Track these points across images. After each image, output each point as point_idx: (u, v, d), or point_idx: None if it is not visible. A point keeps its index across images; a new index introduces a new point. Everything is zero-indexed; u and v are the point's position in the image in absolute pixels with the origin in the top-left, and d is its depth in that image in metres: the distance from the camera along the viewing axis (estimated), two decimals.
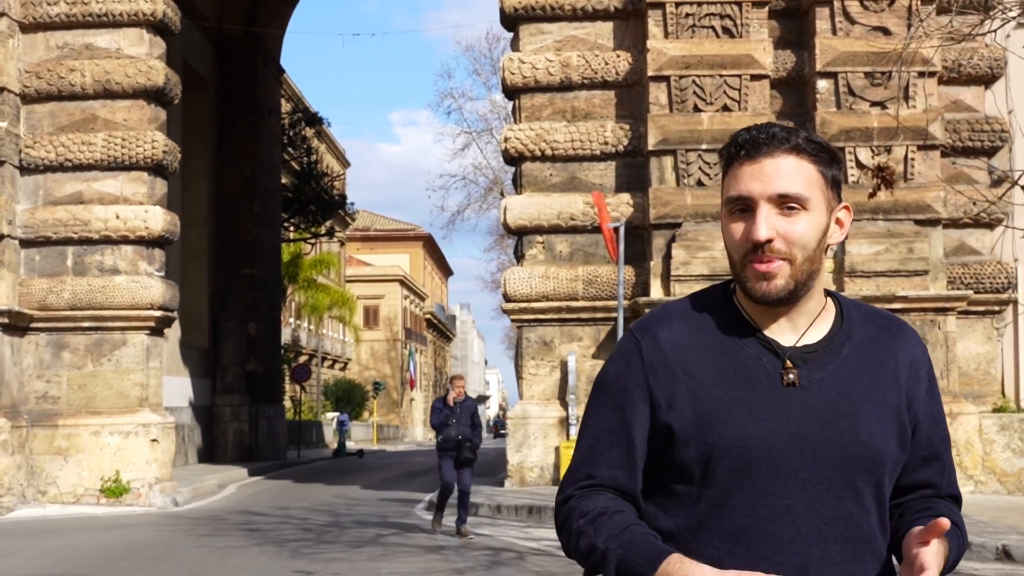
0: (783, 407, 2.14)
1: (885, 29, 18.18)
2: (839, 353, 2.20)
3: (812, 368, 2.17)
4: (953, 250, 18.74)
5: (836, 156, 2.21)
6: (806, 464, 2.12)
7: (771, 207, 2.13)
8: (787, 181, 2.13)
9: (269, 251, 35.21)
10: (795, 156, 2.15)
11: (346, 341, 69.59)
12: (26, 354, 19.18)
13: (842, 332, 2.23)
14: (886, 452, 2.15)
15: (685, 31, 18.53)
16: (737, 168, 2.17)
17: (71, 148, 19.26)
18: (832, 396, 2.15)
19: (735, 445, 2.13)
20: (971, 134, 18.79)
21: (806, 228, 2.13)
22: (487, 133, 48.32)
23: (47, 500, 18.70)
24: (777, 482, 2.12)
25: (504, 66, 19.40)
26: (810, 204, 2.13)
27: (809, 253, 2.14)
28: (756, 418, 2.13)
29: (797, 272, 2.14)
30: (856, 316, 2.26)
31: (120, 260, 19.35)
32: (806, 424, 2.13)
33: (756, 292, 2.15)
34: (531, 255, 19.20)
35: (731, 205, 2.17)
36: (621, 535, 2.14)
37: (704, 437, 2.15)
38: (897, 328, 2.28)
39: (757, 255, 2.13)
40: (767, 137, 2.15)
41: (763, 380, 2.16)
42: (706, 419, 2.15)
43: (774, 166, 2.14)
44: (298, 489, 23.85)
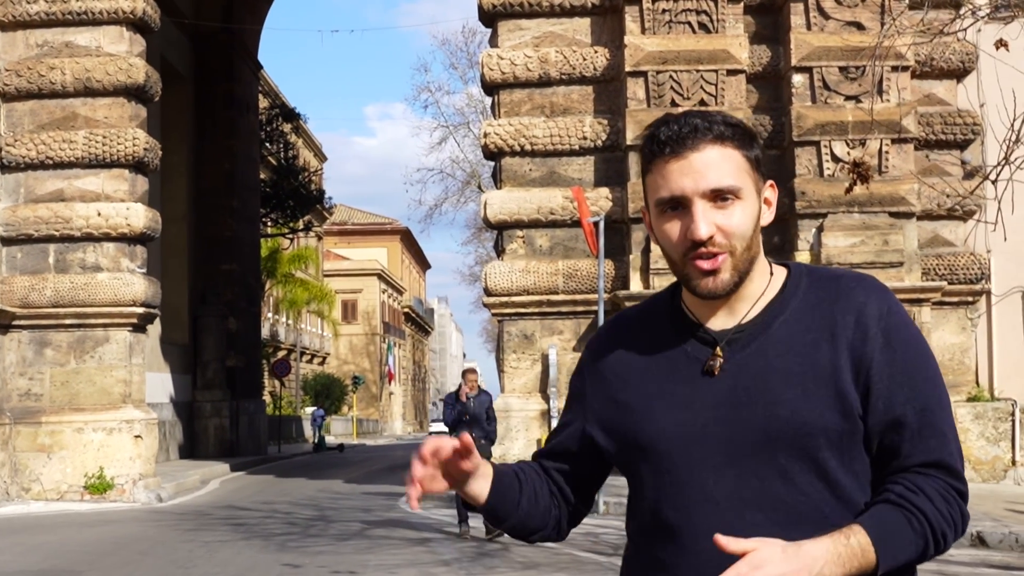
0: (698, 395, 2.12)
1: (859, 24, 18.41)
2: (767, 328, 2.14)
3: (735, 349, 2.14)
4: (927, 242, 19.00)
5: (754, 135, 2.17)
6: (721, 450, 2.08)
7: (706, 202, 2.08)
8: (718, 174, 2.08)
9: (248, 246, 35.28)
10: (720, 145, 2.09)
11: (324, 336, 69.64)
12: (8, 352, 19.25)
13: (776, 306, 2.17)
14: (816, 424, 2.04)
15: (662, 27, 18.72)
16: (662, 166, 2.11)
17: (52, 146, 19.32)
18: (751, 375, 2.11)
19: (651, 440, 2.14)
20: (944, 127, 19.05)
21: (742, 218, 2.10)
22: (464, 127, 48.53)
23: (31, 497, 18.79)
24: (692, 471, 2.10)
25: (483, 62, 19.55)
26: (743, 193, 2.10)
27: (747, 241, 2.11)
28: (670, 409, 2.13)
29: (739, 262, 2.11)
30: (805, 284, 2.19)
31: (102, 257, 19.43)
32: (721, 409, 2.09)
33: (702, 289, 2.12)
34: (511, 249, 19.37)
35: (663, 205, 2.12)
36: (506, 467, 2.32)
37: (625, 435, 2.19)
38: (847, 286, 2.17)
39: (697, 252, 2.09)
40: (690, 130, 2.09)
41: (683, 371, 2.15)
42: (628, 416, 2.18)
43: (701, 160, 2.08)
44: (281, 484, 23.99)
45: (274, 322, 55.35)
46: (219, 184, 32.72)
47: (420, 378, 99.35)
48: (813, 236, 18.32)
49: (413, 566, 11.25)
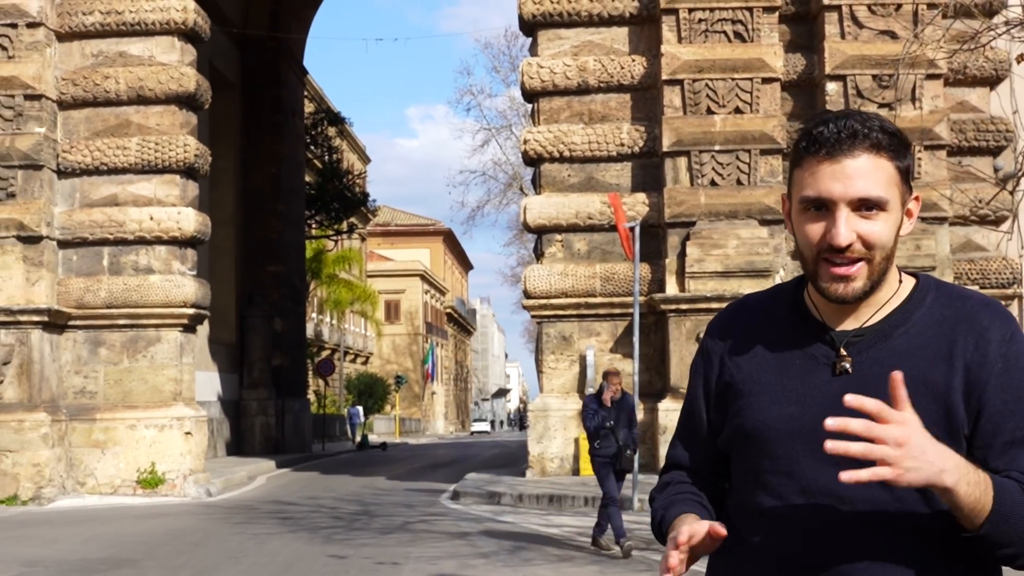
0: (810, 391, 2.16)
1: (892, 33, 18.73)
2: (887, 336, 2.15)
3: (853, 352, 2.16)
4: (960, 247, 19.30)
5: (908, 144, 2.16)
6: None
7: (850, 210, 2.08)
8: (868, 183, 2.07)
9: (294, 248, 35.98)
10: (875, 155, 2.09)
11: (368, 335, 70.41)
12: (64, 351, 19.94)
13: (898, 314, 2.17)
14: None
15: (698, 36, 19.14)
16: (814, 165, 2.10)
17: (106, 152, 19.98)
18: (866, 380, 2.11)
19: (757, 428, 2.19)
20: (976, 134, 19.36)
21: (884, 229, 2.09)
22: (506, 129, 48.95)
23: (85, 491, 19.46)
24: (795, 464, 2.13)
25: (523, 71, 20.04)
26: (889, 205, 2.09)
27: (887, 252, 2.11)
28: (779, 401, 2.17)
29: (875, 271, 2.11)
30: (930, 299, 2.19)
31: (154, 260, 20.09)
32: (830, 408, 2.04)
33: (832, 294, 2.12)
34: (550, 253, 19.85)
35: (806, 203, 2.12)
36: (668, 499, 2.33)
37: (735, 419, 2.25)
38: (971, 309, 2.16)
39: (833, 256, 2.09)
40: (848, 135, 2.08)
41: (798, 365, 2.19)
42: (739, 402, 2.24)
43: (854, 167, 2.08)
44: (325, 480, 24.60)
45: (318, 322, 56.11)
46: (266, 187, 33.43)
47: (462, 378, 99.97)
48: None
49: (453, 558, 11.74)
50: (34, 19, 19.53)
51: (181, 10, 20.15)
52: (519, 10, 20.14)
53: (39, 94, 19.55)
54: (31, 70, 19.48)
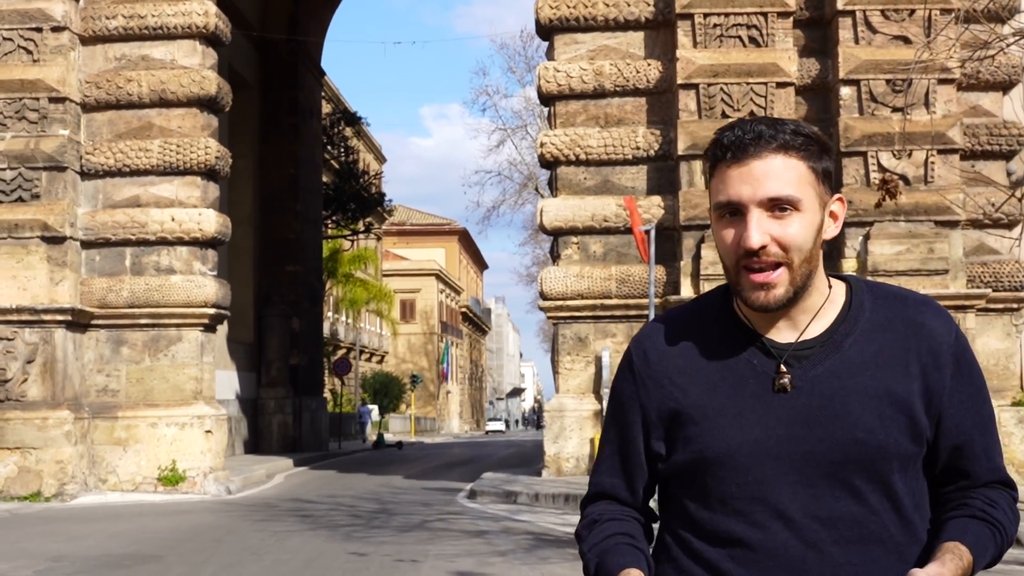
0: (772, 411, 2.11)
1: (905, 38, 18.89)
2: (839, 347, 2.13)
3: (806, 366, 2.12)
4: (972, 250, 19.45)
5: (826, 146, 2.13)
6: (797, 467, 2.09)
7: (762, 211, 2.06)
8: (777, 183, 2.05)
9: (311, 248, 36.30)
10: (783, 155, 2.06)
11: (383, 335, 70.72)
12: (87, 349, 20.24)
13: (845, 323, 2.15)
14: (891, 449, 2.08)
15: (713, 41, 19.33)
16: (724, 171, 2.09)
17: (129, 154, 20.27)
18: (827, 394, 2.10)
19: (720, 454, 2.12)
20: (989, 138, 19.49)
21: (800, 229, 2.07)
22: (521, 129, 49.17)
23: (107, 488, 19.75)
24: (766, 487, 2.10)
25: (540, 75, 20.26)
26: (802, 204, 2.07)
27: (805, 254, 2.08)
28: (742, 425, 2.12)
29: (795, 276, 2.08)
30: (869, 302, 2.18)
31: (175, 260, 20.37)
32: (796, 426, 2.09)
33: (754, 302, 2.10)
34: (566, 255, 20.07)
35: (720, 210, 2.11)
36: (602, 543, 2.21)
37: (691, 446, 2.16)
38: (915, 311, 2.18)
39: (751, 261, 2.07)
40: (754, 137, 2.07)
41: (751, 384, 2.13)
42: (692, 428, 2.15)
43: (762, 168, 2.06)
44: (343, 479, 24.87)
45: (334, 321, 56.43)
46: (283, 188, 33.76)
47: (477, 377, 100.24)
48: (860, 244, 18.84)
49: (471, 556, 11.97)
50: (59, 23, 19.83)
51: (203, 14, 20.42)
52: (536, 14, 20.35)
53: (63, 97, 19.84)
54: (55, 73, 19.77)
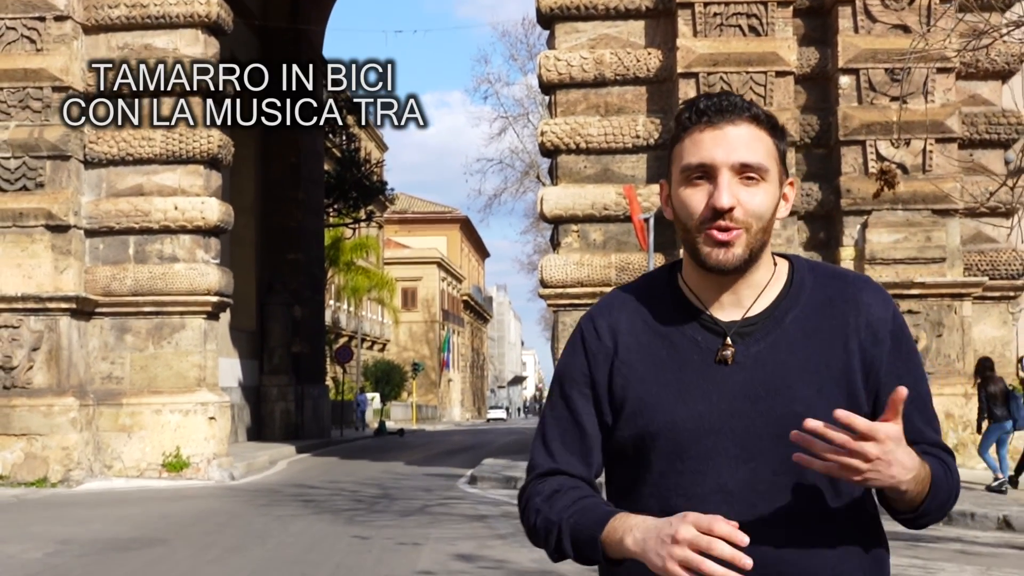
0: (714, 386, 2.14)
1: (905, 27, 18.99)
2: (780, 322, 2.17)
3: (749, 343, 2.16)
4: (970, 238, 19.58)
5: (784, 131, 2.21)
6: (737, 442, 2.11)
7: (732, 175, 2.11)
8: (749, 150, 2.11)
9: (313, 236, 36.43)
10: (755, 126, 2.14)
11: (385, 323, 70.89)
12: (92, 337, 20.40)
13: (787, 300, 2.20)
14: (829, 422, 1.99)
15: (713, 29, 19.43)
16: (697, 134, 2.14)
17: (132, 143, 20.40)
18: (768, 369, 2.14)
19: (664, 428, 2.14)
20: (988, 127, 19.61)
21: (764, 198, 2.12)
22: (523, 117, 49.24)
23: (112, 474, 19.93)
24: (708, 461, 2.12)
25: (541, 63, 20.38)
26: (768, 175, 2.13)
27: (764, 223, 2.13)
28: (684, 400, 2.14)
29: (752, 241, 2.13)
30: (810, 280, 2.23)
31: (179, 249, 20.52)
32: (737, 401, 2.12)
33: (710, 260, 2.13)
34: (567, 243, 20.21)
35: (688, 172, 2.14)
36: (573, 506, 2.16)
37: (635, 421, 2.18)
38: (854, 288, 2.22)
39: (715, 223, 2.11)
40: (729, 105, 2.14)
41: (696, 360, 2.17)
42: (638, 404, 2.18)
43: (736, 133, 2.12)
44: (345, 465, 25.06)
45: (335, 309, 56.59)
46: (285, 176, 33.87)
47: (478, 365, 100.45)
48: (858, 232, 18.96)
49: (472, 539, 12.15)
50: (61, 12, 19.96)
51: (205, 3, 20.56)
52: (537, 3, 20.45)
53: (66, 86, 19.97)
54: (59, 62, 19.90)
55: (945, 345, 18.61)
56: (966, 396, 18.10)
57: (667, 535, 1.95)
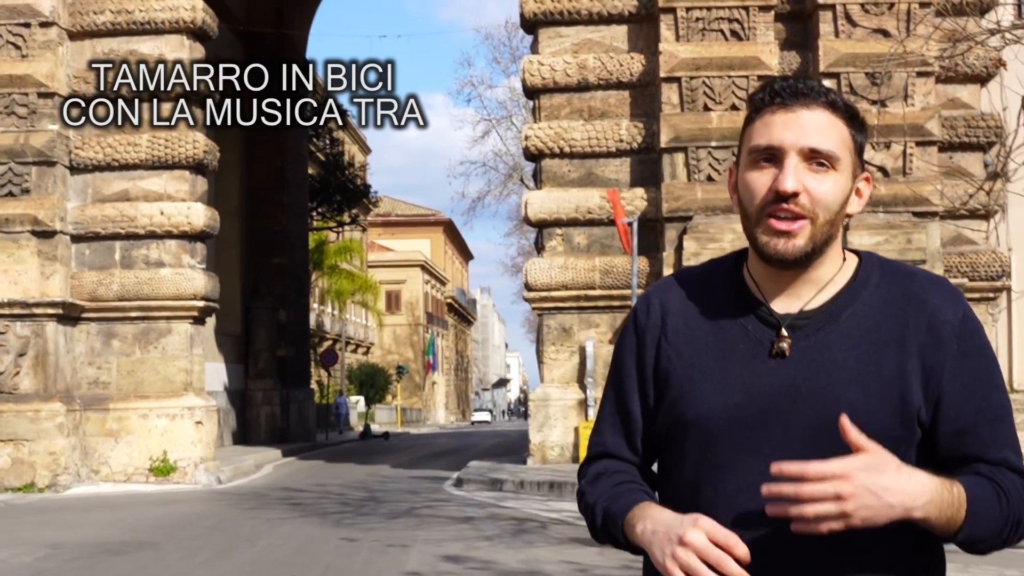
0: (755, 378, 2.06)
1: (885, 31, 19.19)
2: (835, 319, 2.07)
3: (799, 336, 2.07)
4: (950, 240, 19.78)
5: (865, 124, 2.13)
6: (771, 440, 2.01)
7: (800, 160, 2.02)
8: (821, 136, 2.02)
9: (297, 240, 36.50)
10: (831, 112, 2.05)
11: (369, 326, 70.94)
12: (78, 342, 20.45)
13: (845, 295, 2.09)
14: (873, 428, 1.93)
15: (695, 34, 19.60)
16: (768, 116, 2.06)
17: (118, 149, 20.46)
18: (814, 367, 2.04)
19: (698, 417, 2.08)
20: (967, 130, 19.81)
21: (832, 188, 2.03)
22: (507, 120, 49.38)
23: (100, 479, 19.98)
24: (738, 457, 2.04)
25: (524, 68, 20.53)
26: (839, 165, 2.04)
27: (831, 216, 2.03)
28: (722, 390, 2.07)
29: (817, 233, 2.03)
30: (876, 278, 2.11)
31: (165, 254, 20.59)
32: (776, 397, 2.03)
33: (771, 249, 2.04)
34: (551, 247, 20.35)
35: (756, 154, 2.06)
36: (611, 491, 2.14)
37: (674, 407, 2.12)
38: (922, 288, 2.09)
39: (778, 208, 2.02)
40: (805, 88, 2.05)
41: (741, 349, 2.09)
42: (679, 389, 2.12)
43: (809, 118, 2.03)
44: (331, 468, 25.14)
45: (320, 312, 56.62)
46: (270, 180, 33.94)
47: (463, 368, 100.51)
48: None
49: (459, 541, 12.26)
50: (47, 18, 20.01)
51: (190, 9, 20.61)
52: (520, 8, 20.60)
53: (52, 92, 20.02)
54: (44, 68, 19.95)
55: None
56: None
57: (676, 534, 1.93)
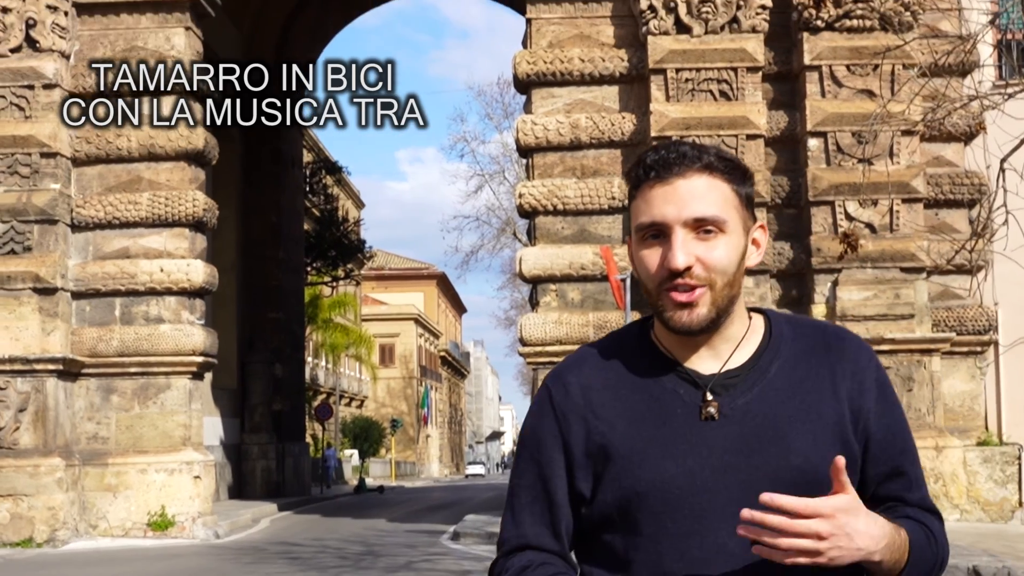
0: (703, 440, 2.03)
1: (870, 92, 19.62)
2: (765, 373, 2.08)
3: (734, 395, 2.06)
4: (938, 295, 20.12)
5: (748, 173, 2.11)
6: (733, 498, 1.99)
7: (687, 232, 2.01)
8: (703, 203, 2.01)
9: (293, 295, 36.77)
10: (708, 175, 2.03)
11: (363, 379, 71.01)
12: (78, 398, 20.68)
13: (768, 350, 2.11)
14: (825, 472, 1.95)
15: (685, 95, 20.04)
16: (647, 191, 2.05)
17: (118, 207, 20.80)
18: (758, 421, 2.04)
19: (652, 486, 2.03)
20: (952, 187, 20.23)
21: (725, 252, 2.02)
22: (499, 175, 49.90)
23: (98, 533, 20.13)
24: (703, 520, 2.00)
25: (518, 128, 20.94)
26: (727, 226, 2.03)
27: (729, 278, 2.03)
28: (672, 455, 2.03)
29: (718, 298, 2.03)
30: (788, 331, 2.14)
31: (164, 310, 20.87)
32: (729, 455, 2.01)
33: (676, 323, 2.04)
34: (545, 302, 20.66)
35: (643, 231, 2.06)
36: None
37: (619, 482, 2.05)
38: (835, 338, 2.14)
39: (674, 283, 2.02)
40: (677, 156, 2.03)
41: (680, 414, 2.06)
42: (621, 462, 2.05)
43: (687, 187, 2.01)
44: (327, 522, 25.28)
45: (314, 366, 56.76)
46: (266, 236, 34.26)
47: (456, 421, 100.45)
48: (828, 290, 19.48)
49: None
50: (50, 81, 20.41)
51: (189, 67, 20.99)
52: (514, 69, 21.03)
53: (54, 152, 20.39)
54: (47, 129, 20.33)
55: (915, 399, 19.06)
56: (936, 449, 18.56)
57: None
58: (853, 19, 19.80)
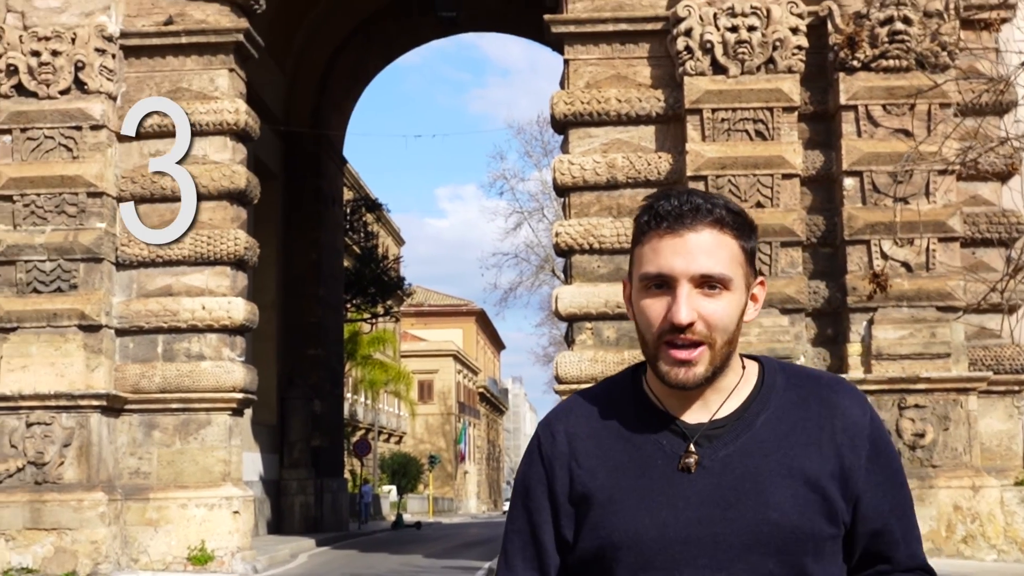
0: (680, 492, 2.03)
1: (906, 131, 19.69)
2: (751, 425, 2.07)
3: (717, 446, 2.06)
4: (974, 334, 20.10)
5: (753, 226, 2.11)
6: (706, 551, 2.00)
7: (692, 287, 2.01)
8: (711, 259, 2.01)
9: (333, 332, 37.11)
10: (718, 230, 2.03)
11: (401, 415, 71.24)
12: (120, 433, 20.99)
13: (757, 401, 2.10)
14: (806, 530, 2.00)
15: (721, 134, 20.20)
16: (655, 240, 2.04)
17: (162, 246, 21.16)
18: (738, 474, 2.03)
19: (627, 537, 2.03)
20: (989, 226, 20.23)
21: (727, 309, 2.02)
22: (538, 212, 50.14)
23: (139, 567, 20.37)
24: (675, 572, 2.00)
25: (555, 168, 21.15)
26: (732, 284, 2.03)
27: (729, 335, 2.03)
28: (648, 507, 2.03)
29: (716, 357, 2.03)
30: (781, 381, 2.13)
31: (205, 347, 21.17)
32: (705, 508, 2.01)
33: (672, 379, 2.04)
34: (581, 340, 20.80)
35: (647, 280, 2.06)
36: None
37: (597, 531, 2.07)
38: (829, 391, 2.11)
39: (674, 337, 2.01)
40: (691, 208, 2.02)
41: (659, 465, 2.06)
42: (599, 513, 2.07)
43: (697, 241, 2.01)
44: (365, 558, 25.42)
45: (353, 402, 57.04)
46: (306, 273, 34.66)
47: (494, 457, 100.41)
48: (864, 329, 19.50)
49: None
50: (97, 122, 20.85)
51: (233, 112, 21.40)
52: (551, 110, 21.27)
53: (100, 192, 20.80)
54: (94, 169, 20.75)
55: (952, 438, 19.01)
56: (973, 489, 18.50)
57: None
58: (889, 59, 19.89)
